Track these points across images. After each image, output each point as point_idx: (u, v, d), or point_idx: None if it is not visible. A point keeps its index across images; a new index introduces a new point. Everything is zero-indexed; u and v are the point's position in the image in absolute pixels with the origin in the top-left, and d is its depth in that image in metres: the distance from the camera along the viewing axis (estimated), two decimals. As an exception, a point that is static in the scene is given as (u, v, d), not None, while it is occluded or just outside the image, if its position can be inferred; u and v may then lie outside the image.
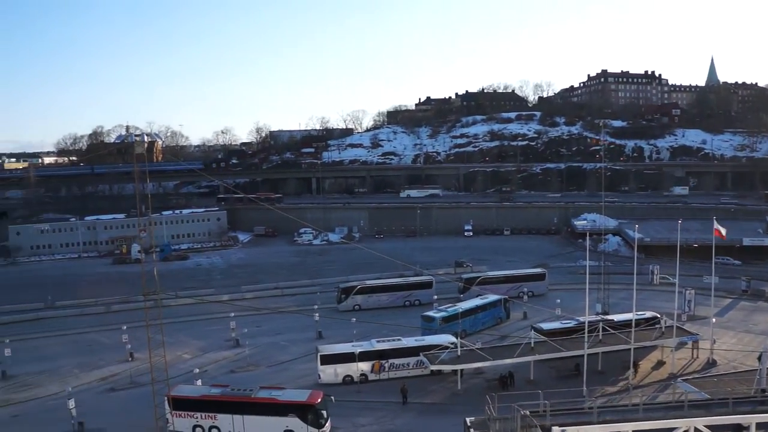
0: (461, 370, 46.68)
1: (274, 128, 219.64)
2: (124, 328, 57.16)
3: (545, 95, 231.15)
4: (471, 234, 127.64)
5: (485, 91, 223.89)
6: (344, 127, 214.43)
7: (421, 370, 48.89)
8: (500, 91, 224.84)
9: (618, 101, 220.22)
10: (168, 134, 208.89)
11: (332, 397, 40.76)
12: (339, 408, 41.36)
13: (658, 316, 54.37)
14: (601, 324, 48.38)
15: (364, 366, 49.05)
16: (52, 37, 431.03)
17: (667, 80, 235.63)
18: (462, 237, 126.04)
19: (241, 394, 40.67)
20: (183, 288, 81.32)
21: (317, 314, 62.47)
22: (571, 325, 52.56)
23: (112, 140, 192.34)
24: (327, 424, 39.39)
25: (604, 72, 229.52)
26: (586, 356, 44.50)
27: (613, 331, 48.32)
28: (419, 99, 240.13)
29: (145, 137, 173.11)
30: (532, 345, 47.74)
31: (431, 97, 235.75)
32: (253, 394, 40.33)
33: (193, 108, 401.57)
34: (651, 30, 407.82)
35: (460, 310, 60.37)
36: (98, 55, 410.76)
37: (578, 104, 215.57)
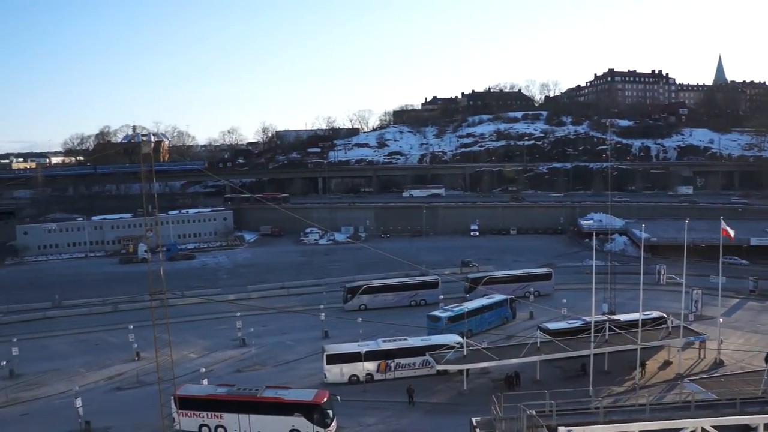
0: (467, 369, 46.64)
1: (281, 128, 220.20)
2: (131, 327, 57.41)
3: (552, 95, 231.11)
4: (477, 234, 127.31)
5: (491, 90, 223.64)
6: (350, 127, 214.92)
7: (427, 369, 48.86)
8: (507, 90, 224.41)
9: (625, 100, 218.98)
10: (175, 134, 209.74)
11: (338, 397, 40.84)
12: (345, 407, 41.40)
13: (665, 316, 54.20)
14: (607, 324, 48.35)
15: (370, 366, 49.09)
16: (60, 37, 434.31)
17: (674, 79, 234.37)
18: (468, 237, 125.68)
19: (247, 393, 40.80)
20: (189, 287, 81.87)
21: (323, 314, 62.58)
22: (578, 325, 52.49)
23: (119, 140, 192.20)
24: (333, 424, 39.47)
25: (611, 71, 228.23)
26: (592, 356, 44.36)
27: (619, 331, 48.16)
28: (425, 98, 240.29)
29: (152, 137, 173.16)
30: (539, 345, 47.65)
31: (437, 97, 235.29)
32: (259, 394, 40.46)
33: (200, 108, 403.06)
34: (658, 29, 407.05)
35: (466, 309, 60.36)
36: (105, 55, 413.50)
37: (585, 103, 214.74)
